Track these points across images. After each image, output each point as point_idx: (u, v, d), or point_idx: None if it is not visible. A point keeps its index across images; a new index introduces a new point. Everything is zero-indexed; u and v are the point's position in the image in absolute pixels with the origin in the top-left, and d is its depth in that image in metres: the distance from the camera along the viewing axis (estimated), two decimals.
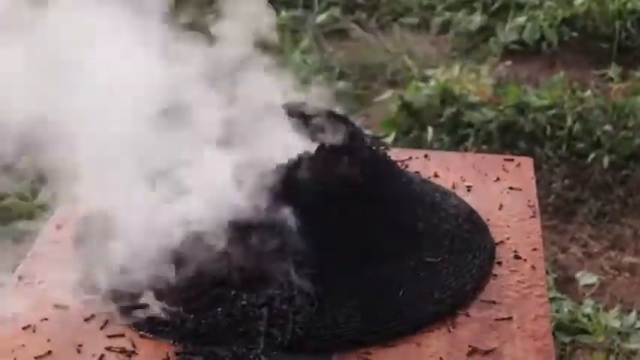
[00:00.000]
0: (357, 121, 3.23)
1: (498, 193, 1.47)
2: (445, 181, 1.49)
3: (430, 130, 3.05)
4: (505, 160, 1.57)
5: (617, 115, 3.09)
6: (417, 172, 1.50)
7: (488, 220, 1.39)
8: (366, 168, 1.22)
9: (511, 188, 1.48)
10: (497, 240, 1.35)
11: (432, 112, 3.13)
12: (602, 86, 3.40)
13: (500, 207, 1.43)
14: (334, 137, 1.23)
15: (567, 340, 2.27)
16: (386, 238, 1.22)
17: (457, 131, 3.07)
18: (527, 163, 1.56)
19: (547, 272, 2.43)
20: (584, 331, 2.28)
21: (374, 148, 1.28)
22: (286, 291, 1.14)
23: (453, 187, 1.47)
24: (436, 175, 1.51)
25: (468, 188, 1.48)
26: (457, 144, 3.01)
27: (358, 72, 3.54)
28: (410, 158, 1.55)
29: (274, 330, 1.12)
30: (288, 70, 1.33)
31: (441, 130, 3.07)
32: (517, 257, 1.32)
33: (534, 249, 1.34)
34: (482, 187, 1.49)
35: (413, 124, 3.13)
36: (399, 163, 1.45)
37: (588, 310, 2.33)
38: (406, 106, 3.14)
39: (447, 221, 1.33)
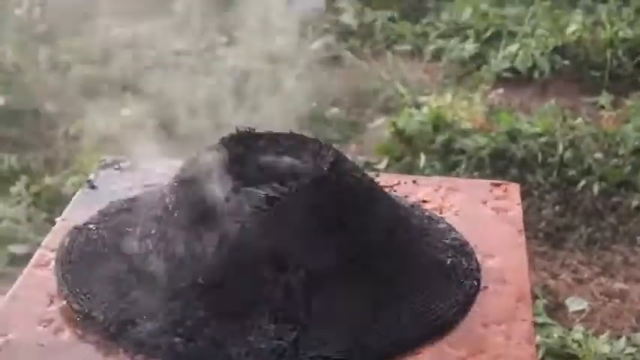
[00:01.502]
0: (351, 147, 3.26)
1: (485, 217, 1.49)
2: (433, 206, 1.50)
3: (423, 156, 3.07)
4: (492, 185, 1.59)
5: (608, 143, 3.12)
6: (406, 197, 1.52)
7: (475, 244, 1.40)
8: (350, 194, 1.24)
9: (498, 213, 1.50)
10: (483, 264, 1.36)
11: (425, 138, 3.16)
12: (593, 114, 3.43)
13: (487, 231, 1.44)
14: (318, 164, 1.25)
15: None
16: (372, 262, 1.24)
17: (449, 158, 3.09)
18: (514, 188, 1.57)
19: (537, 298, 2.46)
20: (574, 357, 2.29)
21: (358, 174, 1.29)
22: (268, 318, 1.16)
23: (440, 212, 1.49)
24: (424, 201, 1.52)
25: (456, 213, 1.49)
26: (449, 170, 3.04)
27: (352, 99, 3.57)
28: (398, 183, 1.57)
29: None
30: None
31: (433, 157, 3.09)
32: (503, 282, 1.33)
33: (520, 273, 1.35)
34: (470, 212, 1.50)
35: (405, 150, 3.15)
36: (387, 189, 1.47)
37: (578, 335, 2.34)
38: (399, 133, 3.17)
39: (434, 246, 1.34)
